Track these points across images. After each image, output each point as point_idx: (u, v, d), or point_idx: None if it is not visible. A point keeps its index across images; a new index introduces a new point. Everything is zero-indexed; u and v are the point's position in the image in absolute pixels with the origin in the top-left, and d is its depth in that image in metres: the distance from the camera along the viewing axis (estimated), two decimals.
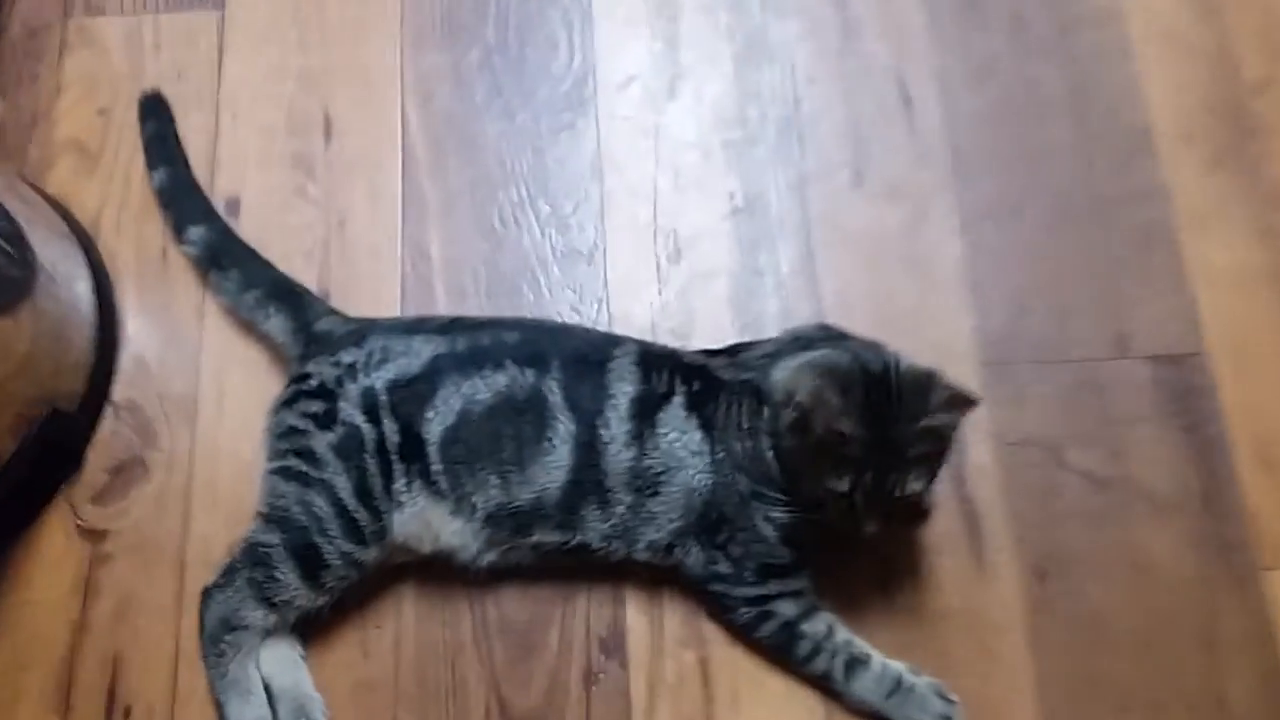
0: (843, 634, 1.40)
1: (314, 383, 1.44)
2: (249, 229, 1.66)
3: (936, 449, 1.32)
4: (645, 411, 1.39)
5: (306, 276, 1.62)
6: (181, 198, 1.66)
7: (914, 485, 1.30)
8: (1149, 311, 1.61)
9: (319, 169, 1.72)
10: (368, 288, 1.64)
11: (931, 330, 1.59)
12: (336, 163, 1.72)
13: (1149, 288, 1.63)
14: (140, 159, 1.71)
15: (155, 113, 1.72)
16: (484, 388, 1.40)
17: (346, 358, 1.44)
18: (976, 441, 1.54)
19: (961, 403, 1.30)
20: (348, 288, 1.64)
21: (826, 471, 1.30)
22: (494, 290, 1.65)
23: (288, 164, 1.72)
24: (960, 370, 1.53)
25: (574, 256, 1.67)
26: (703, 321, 1.62)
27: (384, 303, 1.63)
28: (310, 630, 1.43)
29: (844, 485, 1.29)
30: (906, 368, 1.33)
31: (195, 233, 1.61)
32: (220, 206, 1.67)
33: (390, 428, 1.40)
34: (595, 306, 1.64)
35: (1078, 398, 1.57)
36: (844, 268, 1.65)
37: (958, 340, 1.58)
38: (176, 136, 1.71)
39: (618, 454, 1.38)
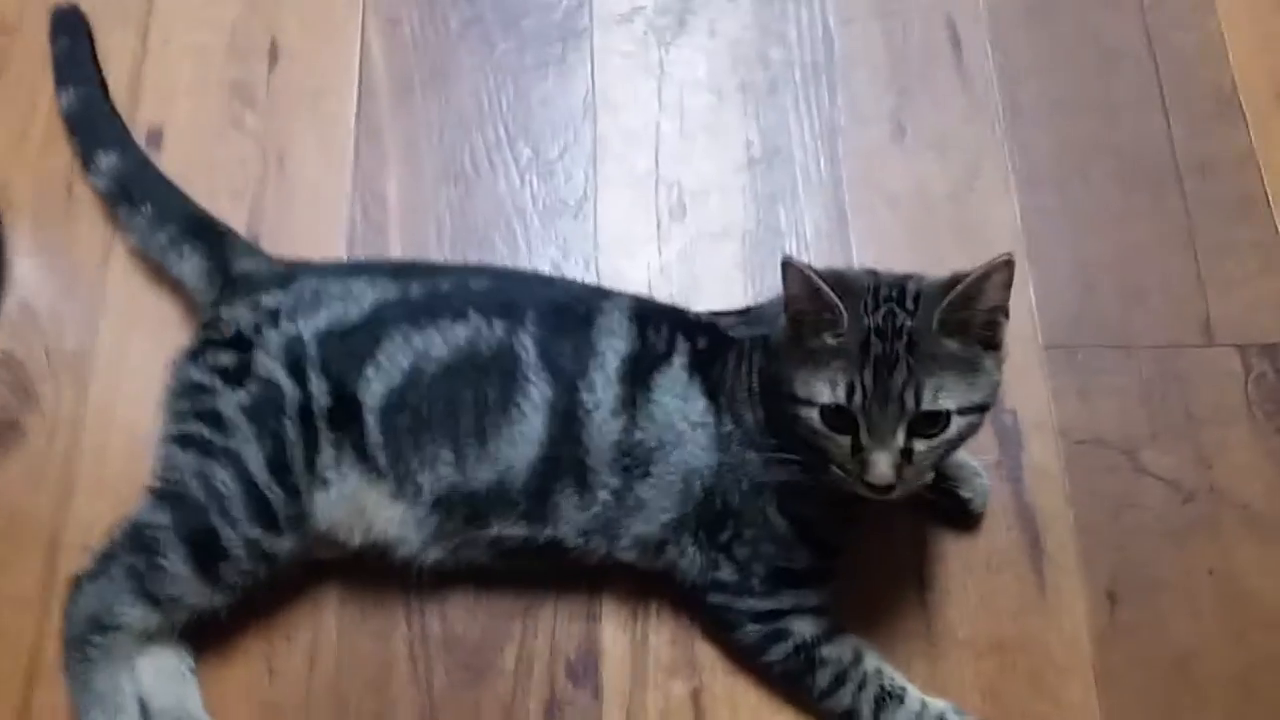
0: (872, 662, 1.14)
1: (227, 330, 1.18)
2: (172, 164, 1.40)
3: (965, 350, 1.02)
4: (639, 373, 1.14)
5: (234, 219, 1.36)
6: (93, 122, 1.40)
7: (938, 399, 1.00)
8: (1238, 294, 1.39)
9: (260, 98, 1.47)
10: (306, 234, 1.39)
11: None
12: (281, 92, 1.48)
13: (1238, 267, 1.40)
14: (48, 83, 1.45)
15: (70, 28, 1.46)
16: (440, 342, 1.15)
17: (268, 301, 1.18)
18: (1038, 438, 1.30)
19: (987, 270, 1.00)
20: (282, 233, 1.38)
21: (819, 381, 1.01)
22: (461, 242, 1.40)
23: (224, 92, 1.48)
24: (1017, 354, 1.30)
25: (559, 208, 1.42)
26: (710, 287, 1.38)
27: (325, 254, 1.36)
28: (205, 638, 1.17)
29: (839, 393, 1.00)
30: (932, 278, 1.07)
31: (106, 161, 1.36)
32: (140, 138, 1.42)
33: (319, 388, 1.14)
34: (582, 266, 1.39)
35: (1156, 391, 1.33)
36: (881, 232, 1.41)
37: (1015, 320, 1.27)
38: (94, 55, 1.45)
39: (602, 425, 1.12)
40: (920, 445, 1.01)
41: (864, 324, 1.01)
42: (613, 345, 1.14)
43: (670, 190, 1.43)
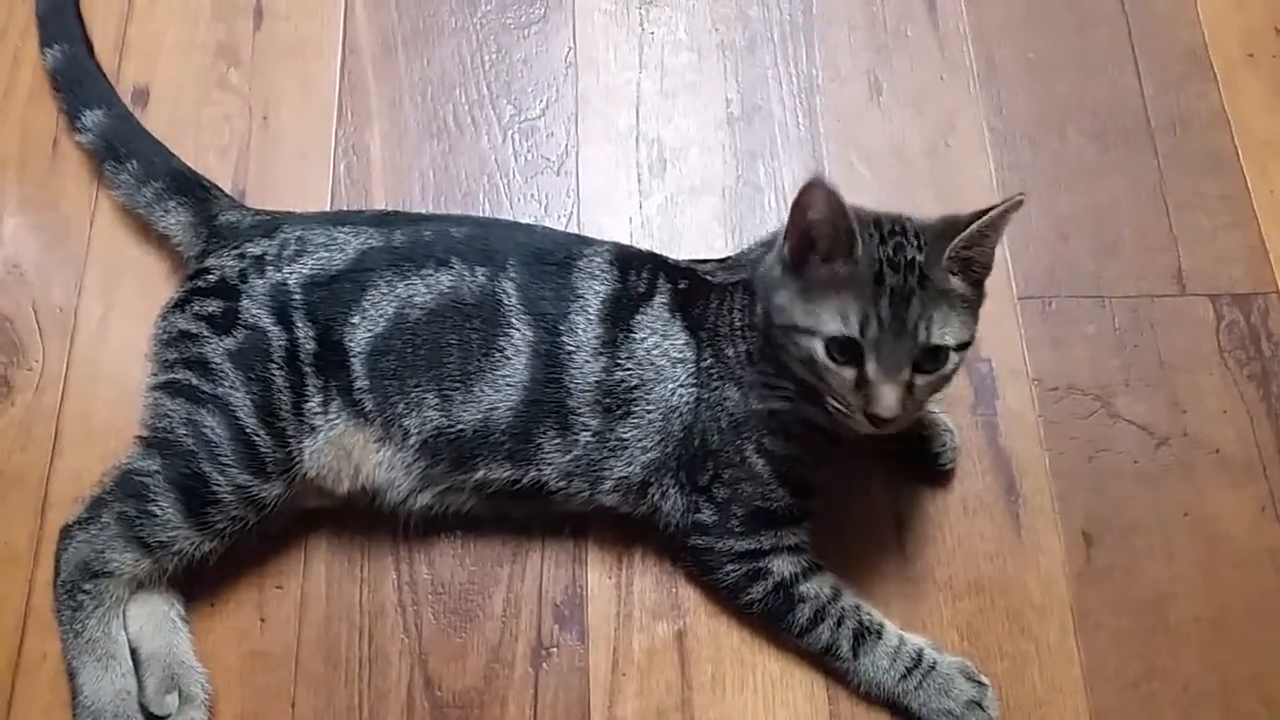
0: (850, 598, 1.16)
1: (212, 278, 1.19)
2: (157, 122, 1.41)
3: (963, 288, 1.05)
4: (620, 313, 1.15)
5: (220, 176, 1.37)
6: (79, 79, 1.41)
7: (944, 334, 1.03)
8: (1210, 246, 1.41)
9: (245, 57, 1.48)
10: (291, 191, 1.40)
11: None
12: (266, 51, 1.49)
13: (1209, 220, 1.42)
14: (33, 39, 1.46)
15: None
16: (423, 289, 1.16)
17: (253, 249, 1.19)
18: (1013, 386, 1.32)
19: (1006, 208, 1.02)
20: (267, 190, 1.39)
21: (826, 312, 1.02)
22: (445, 198, 1.41)
23: (210, 51, 1.48)
24: (992, 305, 1.30)
25: (540, 164, 1.43)
26: (690, 240, 1.39)
27: (309, 209, 1.36)
28: (197, 588, 1.18)
29: (852, 325, 1.01)
30: (919, 218, 1.08)
31: (92, 118, 1.36)
32: (126, 96, 1.43)
33: (305, 333, 1.15)
34: (564, 220, 1.40)
35: (1129, 340, 1.35)
36: (859, 186, 1.42)
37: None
38: (78, 12, 1.46)
39: (584, 365, 1.14)
40: (920, 380, 1.03)
41: (875, 255, 1.02)
42: (593, 288, 1.16)
43: (651, 147, 1.44)
